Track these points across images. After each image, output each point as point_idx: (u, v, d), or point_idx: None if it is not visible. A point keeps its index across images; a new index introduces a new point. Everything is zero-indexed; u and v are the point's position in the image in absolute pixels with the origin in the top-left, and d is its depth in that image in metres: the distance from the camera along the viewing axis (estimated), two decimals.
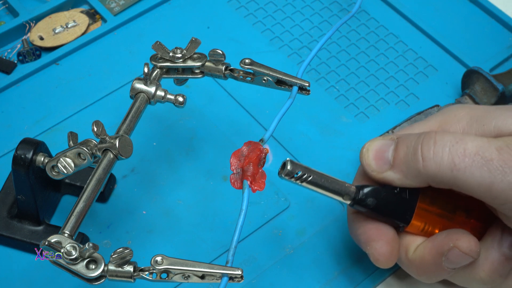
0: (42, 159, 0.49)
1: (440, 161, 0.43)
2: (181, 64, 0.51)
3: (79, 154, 0.47)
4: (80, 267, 0.42)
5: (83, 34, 0.64)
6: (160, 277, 0.42)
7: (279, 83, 0.50)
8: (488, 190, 0.42)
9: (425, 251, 0.46)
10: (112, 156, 0.47)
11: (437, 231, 0.47)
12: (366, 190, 0.45)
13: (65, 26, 0.64)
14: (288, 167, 0.44)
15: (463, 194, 0.44)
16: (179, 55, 0.51)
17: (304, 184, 0.44)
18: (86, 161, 0.47)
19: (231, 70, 0.51)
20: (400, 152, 0.45)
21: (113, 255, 0.42)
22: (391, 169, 0.45)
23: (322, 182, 0.45)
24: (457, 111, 0.47)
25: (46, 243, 0.42)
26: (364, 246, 0.47)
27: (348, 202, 0.45)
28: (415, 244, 0.47)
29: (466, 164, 0.42)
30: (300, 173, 0.44)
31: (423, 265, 0.46)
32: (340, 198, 0.45)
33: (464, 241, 0.45)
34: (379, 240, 0.46)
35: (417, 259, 0.47)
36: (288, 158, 0.44)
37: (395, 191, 0.46)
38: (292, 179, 0.44)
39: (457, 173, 0.42)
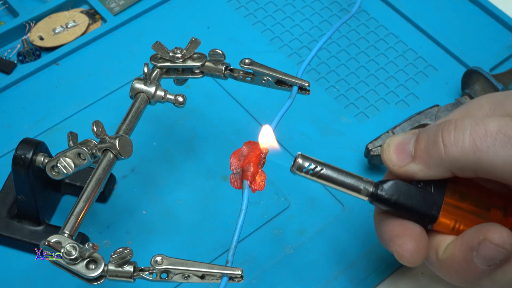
0: (42, 159, 0.49)
1: (461, 145, 0.41)
2: (181, 64, 0.51)
3: (79, 154, 0.47)
4: (80, 267, 0.42)
5: (83, 34, 0.64)
6: (160, 277, 0.42)
7: (279, 83, 0.50)
8: None
9: (454, 248, 0.43)
10: (112, 156, 0.47)
11: None
12: (385, 184, 0.43)
13: (65, 26, 0.64)
14: (299, 161, 0.42)
15: (499, 191, 0.42)
16: (179, 55, 0.51)
17: (316, 178, 0.43)
18: (86, 161, 0.47)
19: (231, 70, 0.51)
20: (421, 142, 0.43)
21: (113, 255, 0.42)
22: (413, 161, 0.43)
23: (337, 177, 0.43)
24: (478, 100, 0.45)
25: (46, 243, 0.42)
26: (388, 243, 0.44)
27: (366, 198, 0.43)
28: (445, 244, 0.44)
29: (488, 144, 0.40)
30: (311, 167, 0.42)
31: (454, 264, 0.43)
32: (356, 194, 0.43)
33: (495, 232, 0.41)
34: (403, 235, 0.43)
35: (447, 259, 0.43)
36: (299, 152, 0.43)
37: (419, 185, 0.43)
38: (303, 173, 0.43)
39: (480, 154, 0.40)
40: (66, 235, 0.43)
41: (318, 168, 0.43)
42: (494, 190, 0.44)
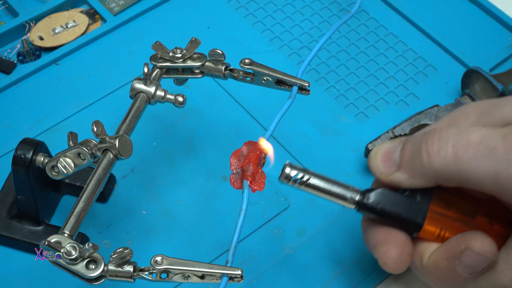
0: (42, 159, 0.49)
1: (444, 155, 0.41)
2: (181, 64, 0.51)
3: (79, 154, 0.47)
4: (80, 267, 0.42)
5: (83, 34, 0.64)
6: (160, 277, 0.42)
7: (279, 83, 0.50)
8: (495, 182, 0.40)
9: (438, 256, 0.43)
10: (112, 156, 0.47)
11: None
12: (371, 193, 0.44)
13: (65, 26, 0.64)
14: (286, 170, 0.43)
15: (484, 198, 0.42)
16: (179, 55, 0.51)
17: (303, 187, 0.43)
18: (86, 161, 0.47)
19: (231, 70, 0.51)
20: (407, 151, 0.43)
21: (113, 255, 0.42)
22: (398, 170, 0.43)
23: (323, 185, 0.43)
24: (465, 108, 0.45)
25: (46, 243, 0.42)
26: (373, 250, 0.45)
27: (352, 206, 0.44)
28: (430, 251, 0.44)
29: (469, 155, 0.40)
30: (299, 176, 0.43)
31: (437, 272, 0.43)
32: (343, 202, 0.44)
33: (477, 241, 0.42)
34: (387, 243, 0.44)
35: (431, 266, 0.44)
36: (287, 161, 0.43)
37: (405, 194, 0.44)
38: (290, 182, 0.43)
39: (461, 165, 0.40)
40: (66, 235, 0.43)
41: (306, 178, 0.43)
42: (480, 198, 0.44)
